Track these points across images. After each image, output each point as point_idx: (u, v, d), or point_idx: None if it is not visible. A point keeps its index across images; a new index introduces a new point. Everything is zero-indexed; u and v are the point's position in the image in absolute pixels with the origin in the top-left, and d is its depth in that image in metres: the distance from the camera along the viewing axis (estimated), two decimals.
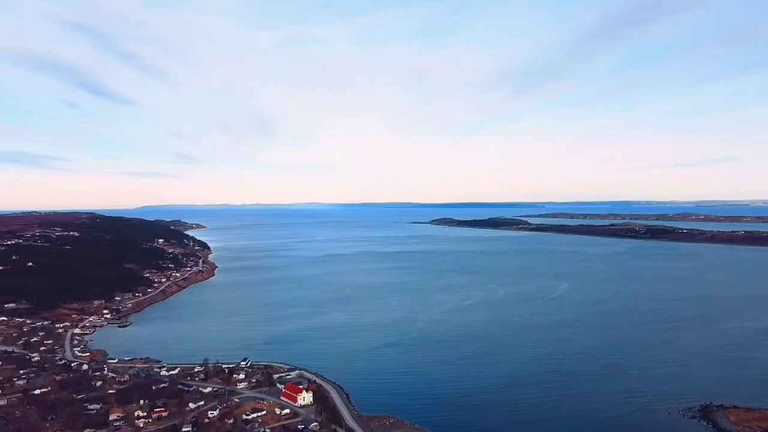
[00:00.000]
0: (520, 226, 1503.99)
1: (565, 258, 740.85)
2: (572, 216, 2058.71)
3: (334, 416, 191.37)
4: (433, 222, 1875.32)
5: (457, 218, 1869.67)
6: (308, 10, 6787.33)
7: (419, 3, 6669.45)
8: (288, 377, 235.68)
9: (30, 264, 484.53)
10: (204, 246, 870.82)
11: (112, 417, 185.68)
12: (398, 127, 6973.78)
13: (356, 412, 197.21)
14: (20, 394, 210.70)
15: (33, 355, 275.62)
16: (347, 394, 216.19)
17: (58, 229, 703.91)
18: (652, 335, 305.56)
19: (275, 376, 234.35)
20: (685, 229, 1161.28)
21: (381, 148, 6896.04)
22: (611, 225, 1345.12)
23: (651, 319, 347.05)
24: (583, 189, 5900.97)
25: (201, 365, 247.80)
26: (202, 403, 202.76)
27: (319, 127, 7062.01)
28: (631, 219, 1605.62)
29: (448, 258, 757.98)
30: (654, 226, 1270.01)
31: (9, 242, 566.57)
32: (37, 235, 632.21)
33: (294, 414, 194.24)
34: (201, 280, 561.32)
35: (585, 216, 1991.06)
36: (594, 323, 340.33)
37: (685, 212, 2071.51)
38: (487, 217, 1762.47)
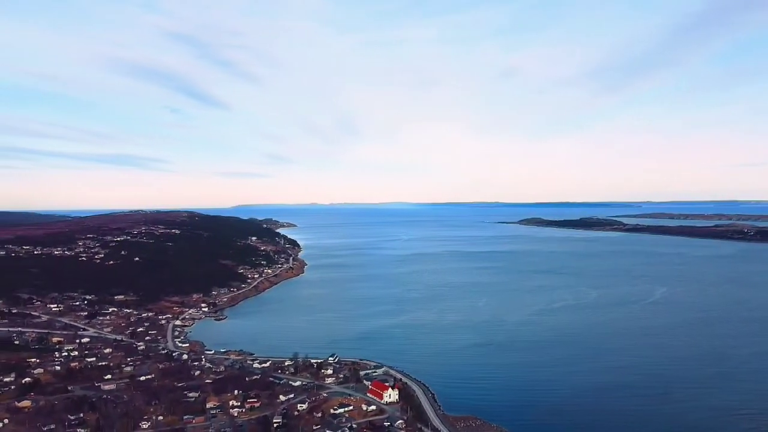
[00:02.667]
0: (614, 226, 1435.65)
1: (663, 260, 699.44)
2: (671, 216, 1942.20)
3: (420, 415, 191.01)
4: (520, 222, 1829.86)
5: (546, 218, 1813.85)
6: (394, 11, 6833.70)
7: (506, 0, 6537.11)
8: (374, 374, 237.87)
9: (137, 259, 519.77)
10: (294, 244, 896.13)
11: (209, 405, 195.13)
12: (484, 125, 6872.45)
13: (441, 412, 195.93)
14: (128, 380, 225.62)
15: (139, 344, 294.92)
16: (433, 394, 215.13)
17: (161, 226, 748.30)
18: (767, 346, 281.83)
19: (362, 373, 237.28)
20: None
21: (467, 147, 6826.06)
22: (716, 226, 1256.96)
23: (764, 328, 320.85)
24: (683, 187, 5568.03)
25: (291, 359, 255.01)
26: (292, 396, 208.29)
27: (404, 127, 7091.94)
28: (738, 219, 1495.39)
29: (537, 259, 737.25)
30: (766, 227, 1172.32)
31: (118, 239, 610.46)
32: (143, 233, 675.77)
33: (380, 411, 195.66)
34: (291, 277, 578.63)
35: (686, 216, 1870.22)
36: (696, 330, 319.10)
37: None
38: (578, 218, 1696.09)
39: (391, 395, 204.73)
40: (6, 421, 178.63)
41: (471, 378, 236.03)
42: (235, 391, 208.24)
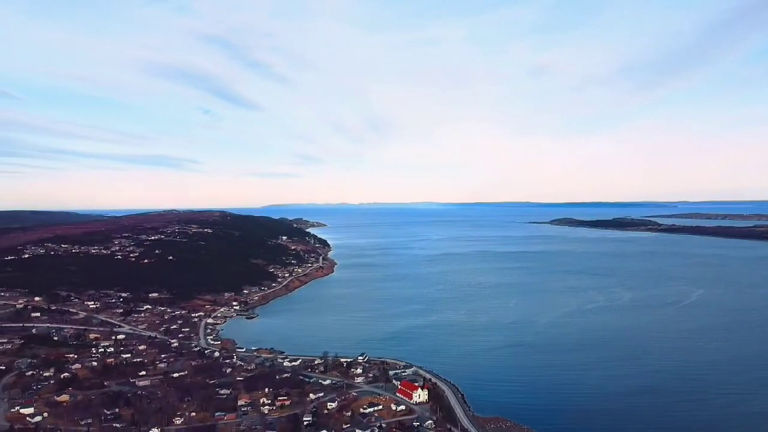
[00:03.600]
0: (649, 227, 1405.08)
1: (700, 262, 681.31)
2: (708, 216, 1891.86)
3: (449, 415, 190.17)
4: (552, 222, 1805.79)
5: (578, 218, 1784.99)
6: (424, 12, 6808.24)
7: None
8: (404, 374, 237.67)
9: (170, 258, 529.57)
10: (324, 243, 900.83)
11: (240, 402, 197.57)
12: (515, 125, 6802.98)
13: (471, 413, 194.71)
14: (161, 376, 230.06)
15: (172, 341, 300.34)
16: (462, 394, 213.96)
17: (194, 226, 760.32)
18: None
19: (391, 372, 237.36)
20: None
21: (497, 146, 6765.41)
22: (755, 226, 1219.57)
23: None
24: (720, 187, 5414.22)
25: (321, 358, 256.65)
26: (321, 394, 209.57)
27: (434, 127, 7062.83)
28: None
29: (569, 259, 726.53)
30: None
31: (153, 238, 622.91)
32: (177, 232, 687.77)
33: (409, 411, 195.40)
34: (321, 276, 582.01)
35: (724, 216, 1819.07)
36: (734, 334, 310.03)
37: None
38: (611, 218, 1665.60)
39: (421, 395, 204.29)
40: (46, 414, 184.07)
41: (501, 379, 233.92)
42: (266, 389, 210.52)
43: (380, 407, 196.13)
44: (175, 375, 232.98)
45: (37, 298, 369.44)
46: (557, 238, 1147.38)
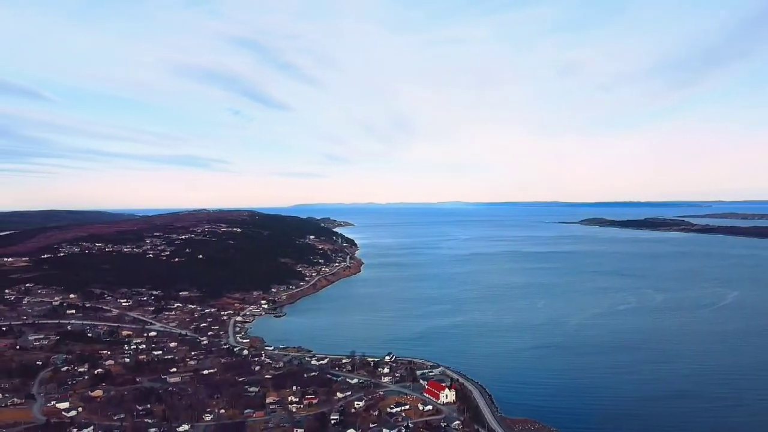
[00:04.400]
0: (682, 227, 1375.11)
1: (735, 263, 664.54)
2: (744, 216, 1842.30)
3: (477, 416, 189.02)
4: (582, 222, 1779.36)
5: (608, 218, 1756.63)
6: (451, 11, 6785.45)
7: None
8: (431, 374, 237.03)
9: (200, 257, 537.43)
10: (351, 243, 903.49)
11: (268, 400, 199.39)
12: (543, 124, 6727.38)
13: (499, 414, 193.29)
14: (192, 373, 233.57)
15: (202, 338, 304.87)
16: (490, 395, 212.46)
17: (223, 225, 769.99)
18: None
19: (418, 372, 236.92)
20: None
21: (525, 146, 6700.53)
22: None
23: None
24: (757, 186, 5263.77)
25: (348, 357, 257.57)
26: (349, 393, 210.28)
27: (461, 126, 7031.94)
28: None
29: (599, 260, 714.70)
30: None
31: (183, 237, 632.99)
32: (206, 231, 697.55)
33: (436, 411, 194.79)
34: (348, 276, 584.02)
35: (760, 216, 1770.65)
36: None
37: None
38: (643, 218, 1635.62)
39: (448, 395, 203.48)
40: (80, 409, 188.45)
41: (529, 380, 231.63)
42: (294, 387, 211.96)
43: (407, 407, 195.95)
44: (205, 372, 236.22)
45: (72, 296, 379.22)
46: (587, 239, 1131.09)
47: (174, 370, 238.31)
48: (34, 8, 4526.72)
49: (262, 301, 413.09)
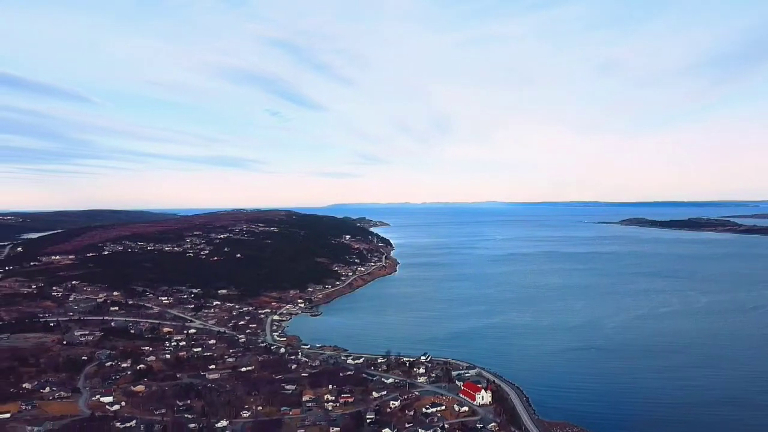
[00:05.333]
0: (728, 227, 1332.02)
1: None
2: None
3: (513, 418, 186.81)
4: (622, 222, 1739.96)
5: (650, 218, 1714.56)
6: (487, 9, 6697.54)
7: None
8: (467, 375, 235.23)
9: (238, 256, 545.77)
10: (386, 242, 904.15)
11: (305, 398, 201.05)
12: (583, 122, 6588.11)
13: (536, 417, 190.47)
14: (230, 370, 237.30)
15: (240, 336, 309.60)
16: (527, 397, 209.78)
17: (260, 225, 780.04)
18: None
19: (454, 373, 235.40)
20: None
21: (564, 144, 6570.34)
22: None
23: None
24: None
25: (383, 356, 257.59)
26: (384, 392, 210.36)
27: (498, 125, 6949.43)
28: None
29: (640, 261, 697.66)
30: None
31: (221, 236, 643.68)
32: (244, 230, 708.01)
33: (472, 412, 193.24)
34: (384, 275, 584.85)
35: None
36: None
37: None
38: (686, 218, 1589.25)
39: (484, 397, 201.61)
40: (123, 403, 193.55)
41: (567, 383, 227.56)
42: (330, 386, 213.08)
43: (443, 407, 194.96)
44: (243, 369, 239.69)
45: (115, 293, 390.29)
46: (627, 239, 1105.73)
47: (213, 366, 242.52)
48: (83, 16, 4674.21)
49: (299, 300, 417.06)
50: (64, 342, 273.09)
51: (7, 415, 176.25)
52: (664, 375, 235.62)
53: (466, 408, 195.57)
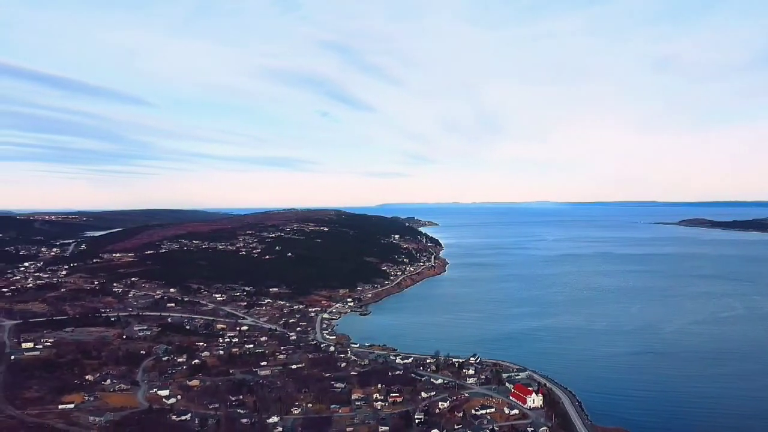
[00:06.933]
0: None
1: None
2: None
3: (565, 423, 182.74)
4: (681, 223, 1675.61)
5: (710, 218, 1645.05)
6: (537, 5, 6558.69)
7: None
8: (517, 377, 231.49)
9: (289, 254, 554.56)
10: (435, 242, 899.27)
11: (354, 396, 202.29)
12: (638, 120, 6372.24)
13: (589, 422, 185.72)
14: (281, 367, 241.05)
15: (291, 334, 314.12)
16: (579, 402, 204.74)
17: (311, 224, 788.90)
18: None
19: (504, 375, 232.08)
20: None
21: (618, 143, 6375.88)
22: None
23: None
24: None
25: (432, 357, 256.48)
26: (433, 393, 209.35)
27: (549, 124, 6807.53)
28: None
29: (700, 263, 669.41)
30: None
31: (273, 235, 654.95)
32: (295, 230, 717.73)
33: (522, 415, 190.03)
34: (433, 275, 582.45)
35: None
36: None
37: None
38: (750, 218, 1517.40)
39: (535, 400, 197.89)
40: (179, 396, 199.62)
41: (621, 388, 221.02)
42: (379, 385, 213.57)
43: (492, 410, 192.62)
44: (293, 367, 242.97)
45: (172, 290, 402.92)
46: (687, 240, 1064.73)
47: (264, 363, 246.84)
48: (142, 22, 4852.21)
49: (348, 299, 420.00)
50: (124, 336, 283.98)
51: (72, 406, 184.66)
52: (726, 383, 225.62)
53: (516, 411, 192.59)
